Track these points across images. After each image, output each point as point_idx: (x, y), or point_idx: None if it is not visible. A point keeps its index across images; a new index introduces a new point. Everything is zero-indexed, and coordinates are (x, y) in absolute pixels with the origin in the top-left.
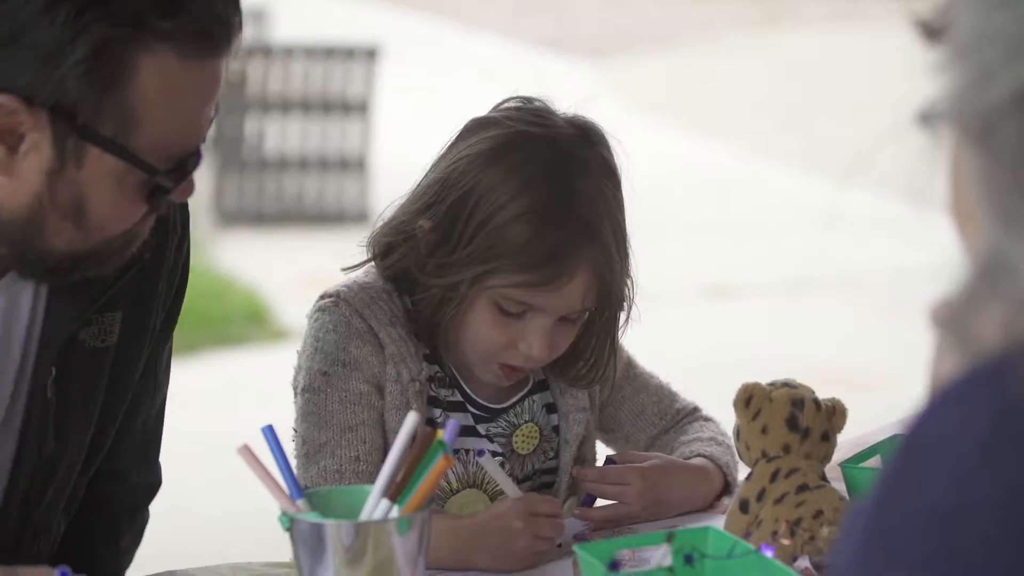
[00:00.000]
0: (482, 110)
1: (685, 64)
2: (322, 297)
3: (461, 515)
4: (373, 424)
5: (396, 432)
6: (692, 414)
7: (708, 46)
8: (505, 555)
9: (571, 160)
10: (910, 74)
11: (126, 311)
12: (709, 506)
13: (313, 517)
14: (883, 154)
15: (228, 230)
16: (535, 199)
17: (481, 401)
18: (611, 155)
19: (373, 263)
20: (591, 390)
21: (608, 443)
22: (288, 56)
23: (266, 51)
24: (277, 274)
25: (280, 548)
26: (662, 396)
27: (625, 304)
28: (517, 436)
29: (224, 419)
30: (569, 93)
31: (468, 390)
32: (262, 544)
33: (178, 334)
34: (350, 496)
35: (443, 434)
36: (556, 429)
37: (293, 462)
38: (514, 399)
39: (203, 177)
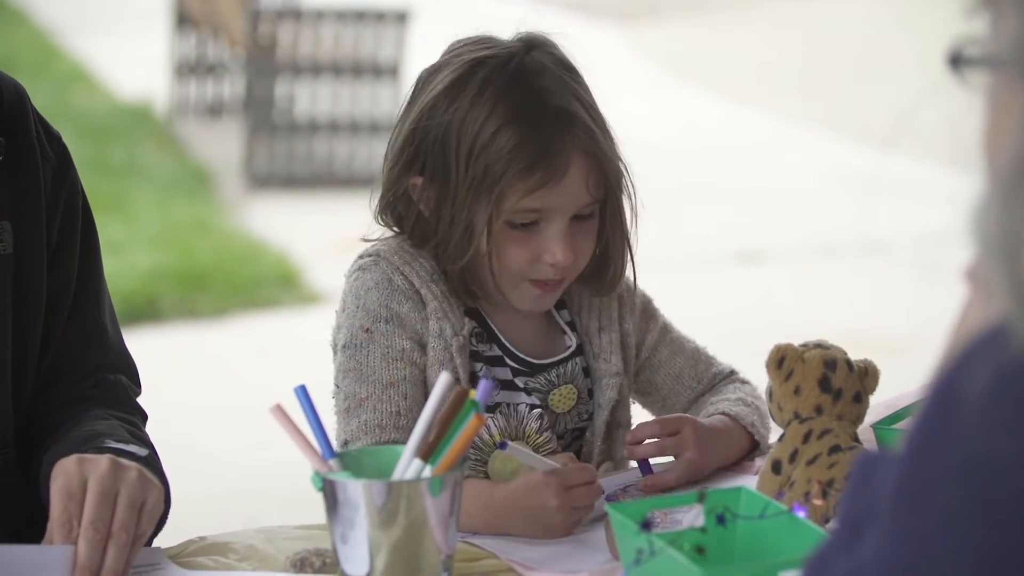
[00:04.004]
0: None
1: (715, 30)
2: (361, 256)
3: (496, 483)
4: (415, 380)
5: None
6: (728, 377)
7: (737, 12)
8: (540, 528)
9: (526, 66)
10: (941, 40)
11: (13, 221)
12: (736, 464)
13: (345, 477)
14: (917, 119)
15: (258, 193)
16: (508, 109)
17: (521, 355)
18: (562, 53)
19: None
20: (626, 354)
21: (645, 406)
22: (318, 19)
23: (296, 14)
24: (307, 237)
25: (311, 511)
26: (699, 360)
27: (626, 190)
28: (554, 395)
29: (255, 382)
30: (599, 58)
31: (507, 343)
32: (293, 507)
33: (208, 297)
34: (382, 456)
35: (475, 394)
36: (591, 392)
37: (333, 419)
38: (556, 358)
39: (234, 140)
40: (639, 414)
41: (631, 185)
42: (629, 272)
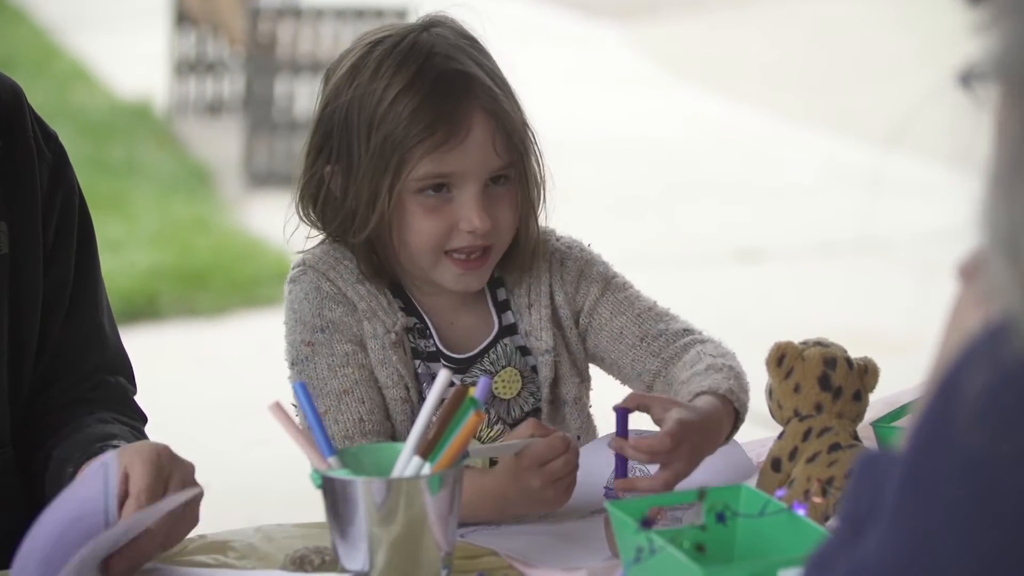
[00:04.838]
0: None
1: (715, 28)
2: (293, 268)
3: (485, 472)
4: (367, 382)
5: (388, 388)
6: (684, 337)
7: (737, 10)
8: (538, 506)
9: (423, 39)
10: (941, 39)
11: (10, 221)
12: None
13: (344, 474)
14: (919, 118)
15: (258, 191)
16: (404, 79)
17: (449, 352)
18: (462, 27)
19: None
20: (559, 329)
21: (604, 370)
22: (318, 18)
23: (296, 13)
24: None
25: (310, 509)
26: (646, 318)
27: (535, 160)
28: (496, 383)
29: (254, 380)
30: (599, 56)
31: (438, 340)
32: (292, 505)
33: (208, 296)
34: (381, 454)
35: (475, 391)
36: (536, 369)
37: None
38: (482, 345)
39: (233, 139)
40: (600, 384)
41: (539, 153)
42: (563, 241)
